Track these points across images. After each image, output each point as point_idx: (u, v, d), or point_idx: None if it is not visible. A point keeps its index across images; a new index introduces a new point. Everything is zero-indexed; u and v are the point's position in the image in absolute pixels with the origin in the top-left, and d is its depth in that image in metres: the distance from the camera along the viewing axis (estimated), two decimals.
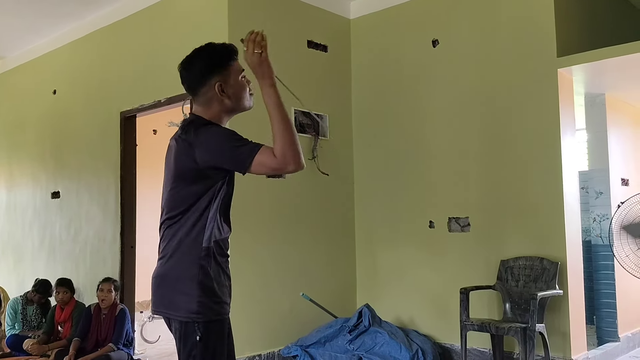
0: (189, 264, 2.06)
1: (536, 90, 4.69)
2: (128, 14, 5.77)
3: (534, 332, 4.16)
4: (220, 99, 2.18)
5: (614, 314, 5.35)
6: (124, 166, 5.71)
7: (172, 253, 2.10)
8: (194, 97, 2.23)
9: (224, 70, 2.20)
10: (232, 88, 2.20)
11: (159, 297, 2.13)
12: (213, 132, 2.10)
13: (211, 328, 2.07)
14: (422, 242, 5.29)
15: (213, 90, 2.17)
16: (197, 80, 2.19)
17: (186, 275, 2.06)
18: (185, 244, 2.08)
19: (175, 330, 2.11)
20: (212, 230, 2.10)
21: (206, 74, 2.18)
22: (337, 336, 4.89)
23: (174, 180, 2.14)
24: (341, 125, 5.70)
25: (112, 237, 5.76)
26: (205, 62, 2.21)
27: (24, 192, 7.15)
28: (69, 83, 6.58)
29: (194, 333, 2.04)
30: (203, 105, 2.20)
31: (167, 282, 2.10)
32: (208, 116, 2.18)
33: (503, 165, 4.86)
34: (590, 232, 5.64)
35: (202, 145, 2.05)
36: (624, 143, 5.74)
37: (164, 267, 2.12)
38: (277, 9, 5.24)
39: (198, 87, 2.19)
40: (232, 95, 2.20)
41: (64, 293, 5.39)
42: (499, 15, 4.93)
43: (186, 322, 2.05)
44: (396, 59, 5.56)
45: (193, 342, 2.05)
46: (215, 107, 2.19)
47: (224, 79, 2.19)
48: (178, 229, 2.10)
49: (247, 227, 4.76)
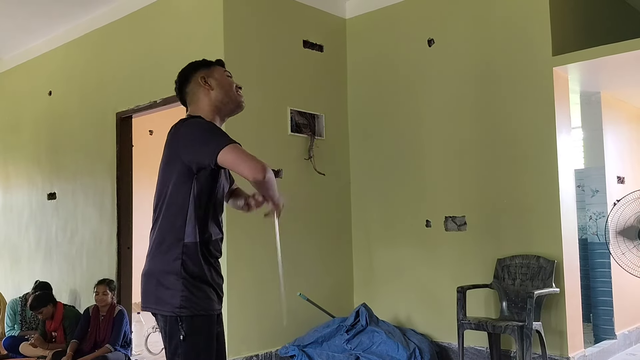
0: (171, 259, 2.09)
1: (532, 89, 4.70)
2: (123, 14, 5.76)
3: (531, 330, 4.17)
4: (206, 92, 2.25)
5: (611, 311, 5.36)
6: (120, 167, 5.70)
7: (155, 248, 2.14)
8: (185, 100, 2.32)
9: (207, 68, 2.30)
10: (215, 80, 2.27)
11: (146, 294, 2.16)
12: (193, 123, 2.16)
13: (195, 323, 2.07)
14: (418, 241, 5.30)
15: (197, 83, 2.26)
16: (182, 81, 2.30)
17: (169, 270, 2.08)
18: (167, 240, 2.11)
19: (161, 327, 2.13)
20: (194, 226, 2.10)
21: (187, 73, 2.30)
22: (335, 336, 4.90)
23: (159, 175, 2.19)
24: (337, 125, 5.70)
25: (109, 238, 5.75)
26: (188, 66, 2.33)
27: (19, 193, 7.14)
28: (64, 84, 6.56)
29: (178, 329, 2.05)
30: (192, 104, 2.28)
31: (152, 277, 2.13)
32: (201, 112, 2.24)
33: (499, 163, 4.86)
34: (587, 230, 5.66)
35: (181, 136, 2.12)
36: (619, 141, 5.76)
37: (149, 263, 2.16)
38: (273, 9, 5.24)
39: (184, 86, 2.29)
40: (215, 86, 2.26)
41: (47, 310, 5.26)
42: (494, 14, 4.93)
43: (170, 317, 2.06)
44: (392, 58, 5.56)
45: (177, 338, 2.06)
46: (203, 102, 2.25)
47: (208, 73, 2.28)
48: (161, 224, 2.14)
49: (242, 227, 4.76)
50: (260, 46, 5.09)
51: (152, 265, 2.14)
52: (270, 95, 5.12)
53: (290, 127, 5.24)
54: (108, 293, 5.07)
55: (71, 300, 6.09)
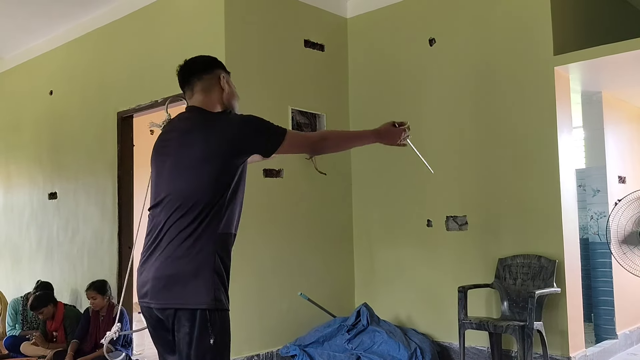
0: (207, 254, 2.05)
1: (533, 88, 4.69)
2: (124, 14, 5.76)
3: (532, 330, 4.16)
4: (220, 90, 2.28)
5: (612, 311, 5.36)
6: (121, 166, 5.70)
7: (186, 245, 2.05)
8: (194, 84, 2.28)
9: (226, 72, 2.35)
10: (229, 86, 2.32)
11: (170, 292, 2.05)
12: (239, 116, 2.20)
13: (225, 318, 2.08)
14: (420, 240, 5.29)
15: (216, 79, 2.28)
16: (203, 68, 2.30)
17: (204, 265, 2.04)
18: (203, 235, 2.05)
19: (185, 325, 2.04)
20: (226, 219, 2.11)
21: (213, 65, 2.32)
22: (336, 335, 4.90)
23: (185, 170, 2.11)
24: (338, 124, 5.69)
25: (110, 237, 5.75)
26: (214, 59, 2.37)
27: (21, 193, 7.14)
28: (65, 83, 6.56)
29: (210, 324, 2.02)
30: (203, 91, 2.27)
31: (184, 276, 2.04)
32: (208, 104, 2.24)
33: (500, 163, 4.86)
34: (588, 230, 5.65)
35: (233, 129, 2.12)
36: (621, 141, 5.75)
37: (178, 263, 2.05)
38: (274, 9, 5.24)
39: (202, 72, 2.28)
40: (228, 91, 2.31)
41: (47, 310, 5.26)
42: (495, 13, 4.93)
43: (201, 312, 2.02)
44: (393, 57, 5.56)
45: (207, 334, 2.02)
46: (214, 95, 2.28)
47: (227, 76, 2.34)
48: (194, 218, 2.06)
49: (244, 227, 4.72)
50: (261, 45, 5.09)
51: (185, 263, 2.04)
52: (271, 94, 5.12)
53: (291, 126, 5.23)
54: (97, 296, 5.04)
55: (72, 300, 6.09)
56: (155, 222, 2.17)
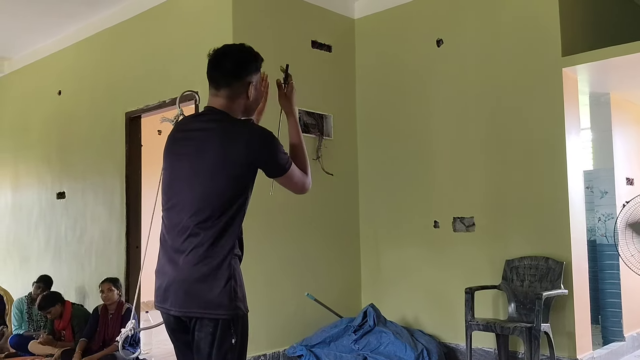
0: (227, 261, 2.07)
1: (541, 90, 4.69)
2: (133, 14, 5.78)
3: (539, 332, 4.16)
4: (245, 98, 2.25)
5: (619, 313, 5.34)
6: (129, 166, 5.73)
7: (206, 250, 2.06)
8: (221, 87, 2.23)
9: (257, 73, 2.30)
10: (256, 91, 2.30)
11: (192, 298, 2.06)
12: (262, 129, 2.21)
13: (246, 323, 2.12)
14: (426, 242, 5.29)
15: (244, 88, 2.24)
16: (233, 73, 2.23)
17: (223, 272, 2.06)
18: (221, 241, 2.07)
19: (205, 332, 2.06)
20: (239, 225, 2.15)
21: (244, 69, 2.25)
22: (342, 336, 4.90)
23: (213, 174, 2.10)
24: (345, 125, 5.70)
25: (118, 237, 5.77)
26: (249, 59, 2.29)
27: (29, 192, 7.18)
28: (74, 84, 6.60)
29: (232, 332, 2.05)
30: (228, 98, 2.22)
31: (204, 282, 2.05)
32: (232, 111, 2.22)
33: (508, 164, 4.85)
34: (595, 232, 5.64)
35: (255, 138, 2.14)
36: (629, 142, 5.73)
37: (198, 268, 2.06)
38: (282, 10, 5.25)
39: (232, 79, 2.22)
40: (253, 98, 2.29)
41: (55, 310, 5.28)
42: (503, 14, 4.92)
43: (223, 320, 2.04)
44: (400, 58, 5.56)
45: (229, 341, 2.05)
46: (238, 103, 2.24)
47: (255, 80, 2.28)
48: (213, 224, 2.07)
49: (251, 228, 4.75)
50: (268, 46, 5.08)
51: (207, 270, 2.05)
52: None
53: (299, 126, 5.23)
54: (113, 290, 5.08)
55: (80, 299, 6.12)
56: (173, 226, 2.15)
